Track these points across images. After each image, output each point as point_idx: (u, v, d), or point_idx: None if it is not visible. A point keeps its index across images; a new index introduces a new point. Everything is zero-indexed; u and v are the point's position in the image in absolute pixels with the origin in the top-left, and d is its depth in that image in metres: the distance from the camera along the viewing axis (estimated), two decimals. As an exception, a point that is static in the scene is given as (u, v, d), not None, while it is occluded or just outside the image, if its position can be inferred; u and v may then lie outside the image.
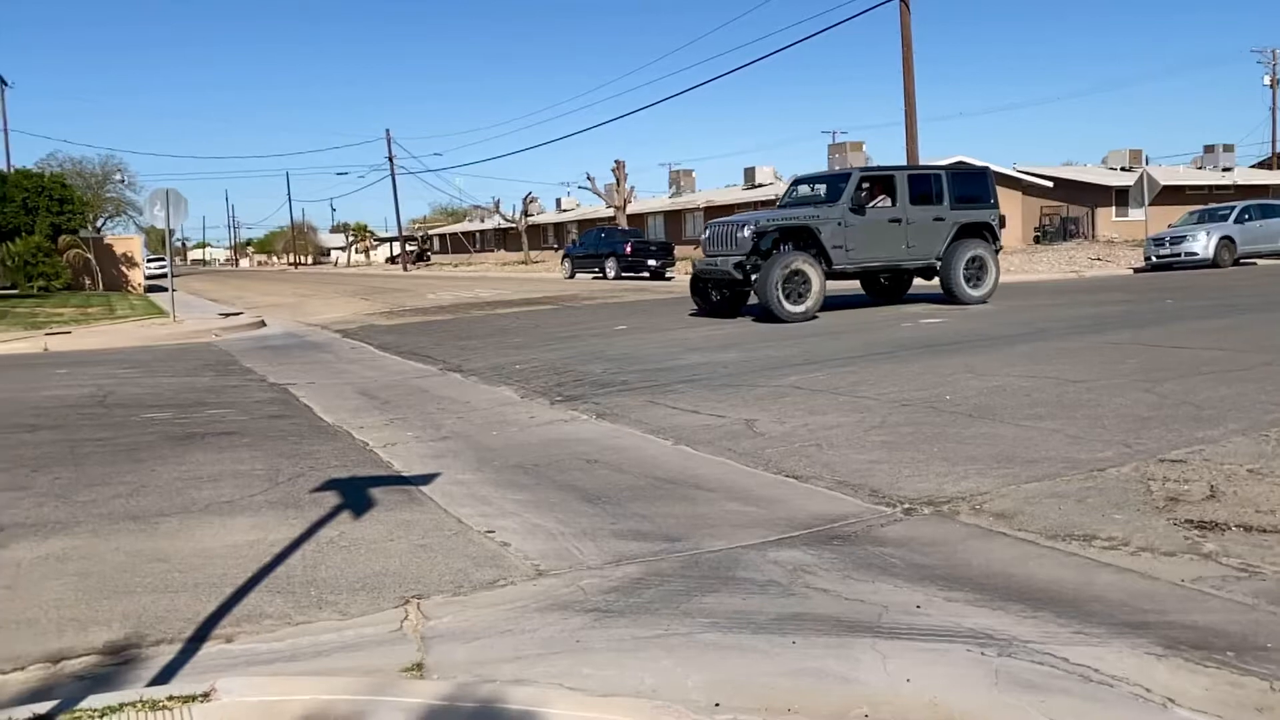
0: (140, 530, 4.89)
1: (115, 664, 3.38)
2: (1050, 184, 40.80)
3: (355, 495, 5.45)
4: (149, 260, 46.75)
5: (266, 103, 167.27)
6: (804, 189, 16.43)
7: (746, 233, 14.55)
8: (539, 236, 62.46)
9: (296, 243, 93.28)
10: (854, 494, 5.15)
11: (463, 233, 73.33)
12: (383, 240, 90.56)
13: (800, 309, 14.15)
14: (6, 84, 42.54)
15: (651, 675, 3.13)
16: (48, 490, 5.73)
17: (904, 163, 24.46)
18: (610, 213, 45.92)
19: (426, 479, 5.84)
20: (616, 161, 44.49)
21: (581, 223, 55.57)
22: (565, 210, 65.25)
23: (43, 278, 31.52)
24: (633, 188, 46.31)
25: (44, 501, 5.46)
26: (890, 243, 15.40)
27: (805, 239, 14.77)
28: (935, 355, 10.08)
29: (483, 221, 70.03)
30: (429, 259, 74.45)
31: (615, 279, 32.88)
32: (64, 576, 4.22)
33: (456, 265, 64.11)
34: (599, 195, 48.19)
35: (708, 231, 15.80)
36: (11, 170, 36.38)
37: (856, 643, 3.31)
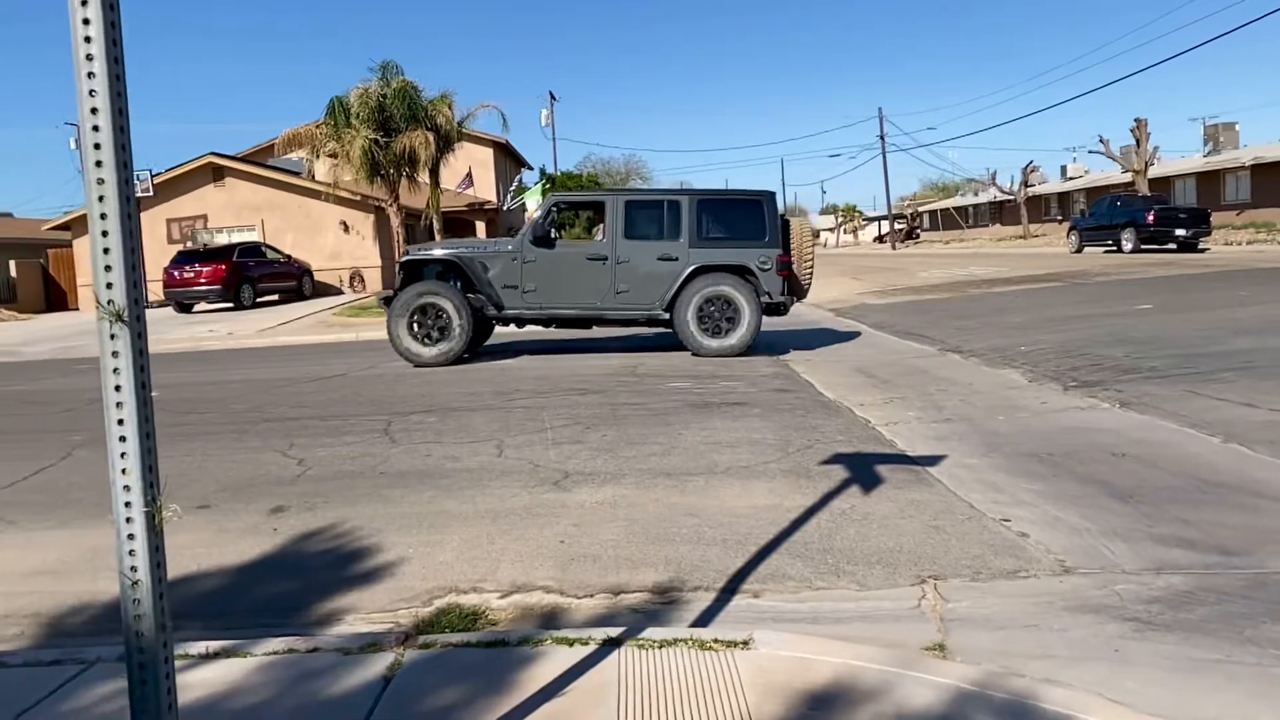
0: (673, 486, 5.47)
1: (662, 603, 3.81)
2: None
3: (862, 470, 5.55)
4: (663, 245, 51.97)
5: (764, 92, 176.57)
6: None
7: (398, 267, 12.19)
8: (1039, 208, 58.05)
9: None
10: None
11: (954, 208, 70.78)
12: (870, 219, 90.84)
13: (434, 351, 11.55)
14: (555, 99, 50.04)
15: (1214, 705, 2.76)
16: (598, 445, 6.64)
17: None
18: (1127, 178, 41.16)
19: (932, 460, 5.75)
20: (1136, 120, 39.66)
21: (1090, 191, 50.55)
22: (1071, 178, 59.82)
23: (581, 263, 36.73)
24: (1155, 148, 40.98)
25: (596, 455, 6.34)
26: (590, 286, 11.75)
27: (473, 274, 11.87)
28: None
29: (976, 195, 66.94)
30: (918, 237, 73.10)
31: (1133, 252, 29.42)
32: (616, 520, 4.86)
33: (947, 242, 62.17)
34: (1113, 159, 43.44)
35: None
36: (558, 173, 42.76)
37: None
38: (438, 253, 12.23)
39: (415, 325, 11.72)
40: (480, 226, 37.43)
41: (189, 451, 6.96)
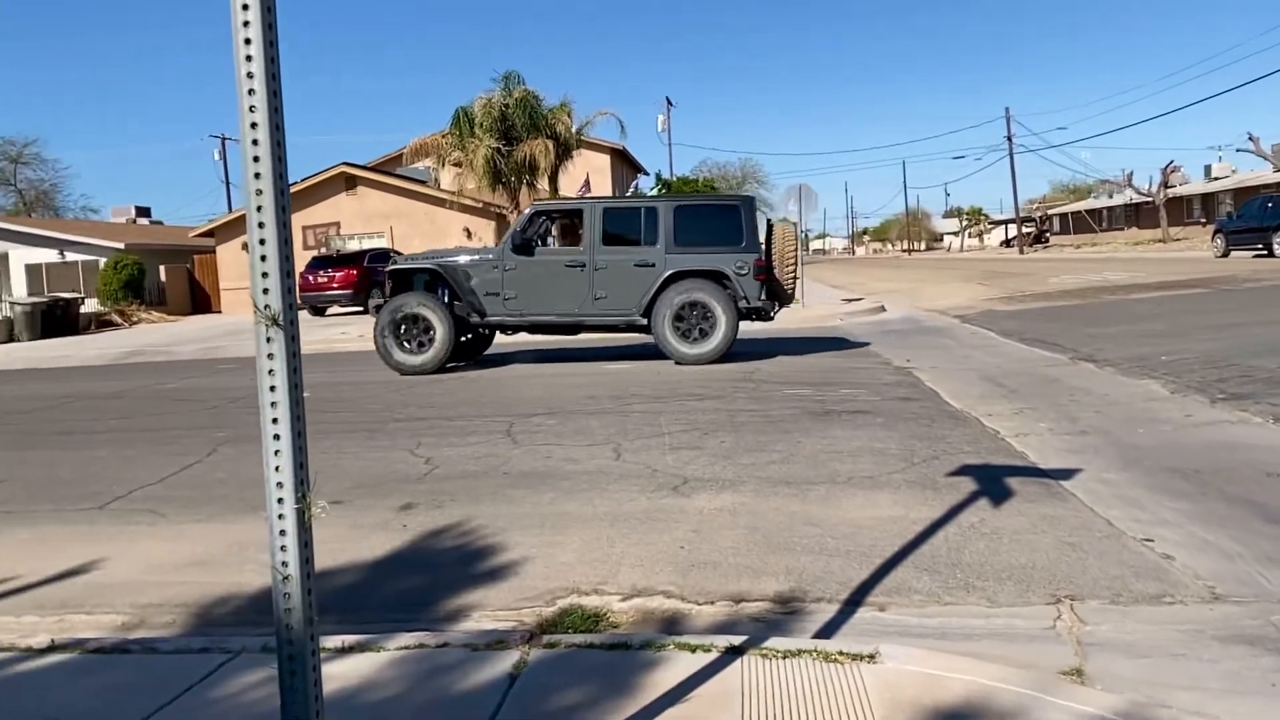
0: (793, 495, 5.40)
1: (784, 613, 3.77)
2: None
3: (991, 483, 5.36)
4: (779, 250, 51.48)
5: (885, 95, 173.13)
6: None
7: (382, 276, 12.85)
8: (1180, 211, 55.01)
9: (910, 229, 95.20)
10: None
11: (1086, 211, 67.77)
12: (997, 223, 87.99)
13: (418, 360, 11.95)
14: (671, 104, 50.22)
15: (1389, 744, 2.54)
16: (716, 451, 6.62)
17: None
18: (1278, 178, 38.59)
19: (1066, 474, 5.50)
20: (1290, 116, 37.12)
21: (1238, 192, 47.60)
22: (1216, 179, 56.48)
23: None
24: (1312, 146, 38.30)
25: (714, 461, 6.32)
26: (569, 292, 11.89)
27: (456, 283, 12.18)
28: None
29: (1110, 197, 63.96)
30: (1047, 240, 70.35)
31: (1285, 257, 27.55)
32: (736, 528, 4.83)
33: (1079, 246, 59.61)
34: (1264, 158, 40.88)
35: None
36: (675, 179, 42.87)
37: None
38: (423, 263, 12.62)
39: (400, 335, 12.11)
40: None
41: (325, 449, 7.27)
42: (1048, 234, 72.79)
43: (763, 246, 11.98)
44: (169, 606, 4.19)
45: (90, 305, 29.33)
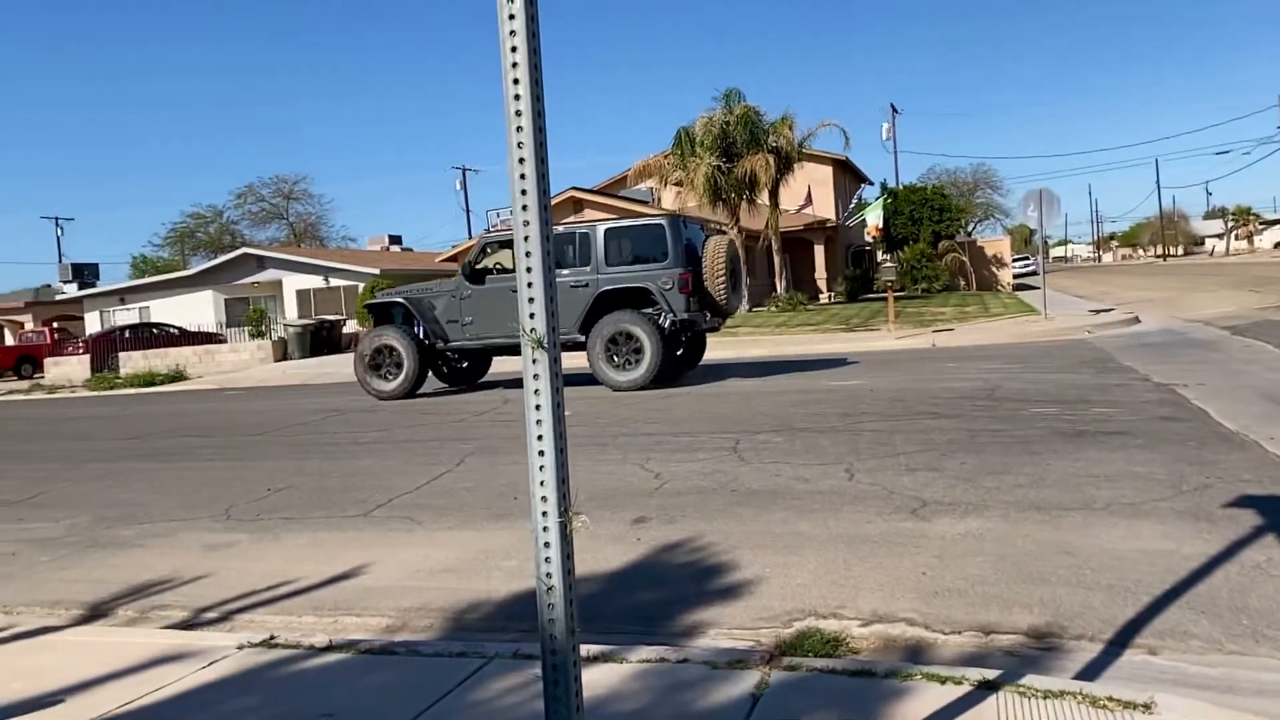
0: (1044, 521, 5.06)
1: (1039, 648, 3.53)
2: None
3: (1279, 517, 4.79)
4: (1014, 260, 48.72)
5: (1134, 83, 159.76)
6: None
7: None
8: None
9: (1164, 233, 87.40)
10: None
11: (1383, 206, 59.51)
12: (1269, 223, 79.16)
13: (389, 386, 13.43)
14: (896, 111, 48.78)
15: None
16: (956, 473, 6.32)
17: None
18: None
19: (1375, 508, 4.83)
20: None
21: None
22: None
23: (925, 280, 35.32)
24: None
25: (955, 484, 6.03)
26: (515, 315, 9.74)
27: (422, 314, 13.49)
28: None
29: None
30: (1333, 241, 62.38)
31: None
32: (981, 555, 4.58)
33: (1373, 246, 52.37)
34: None
35: None
36: (900, 187, 41.59)
37: None
38: (394, 296, 14.00)
39: (375, 364, 13.61)
40: (819, 249, 37.38)
41: (560, 463, 7.57)
42: (1334, 233, 64.52)
43: (699, 261, 12.72)
44: (427, 611, 4.49)
45: (350, 326, 32.18)
